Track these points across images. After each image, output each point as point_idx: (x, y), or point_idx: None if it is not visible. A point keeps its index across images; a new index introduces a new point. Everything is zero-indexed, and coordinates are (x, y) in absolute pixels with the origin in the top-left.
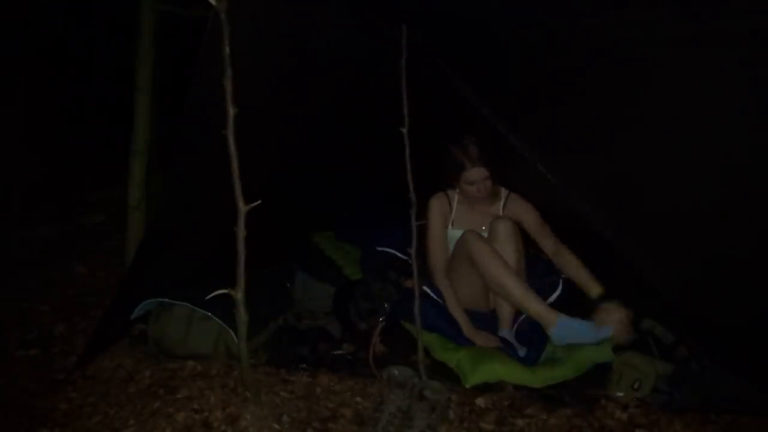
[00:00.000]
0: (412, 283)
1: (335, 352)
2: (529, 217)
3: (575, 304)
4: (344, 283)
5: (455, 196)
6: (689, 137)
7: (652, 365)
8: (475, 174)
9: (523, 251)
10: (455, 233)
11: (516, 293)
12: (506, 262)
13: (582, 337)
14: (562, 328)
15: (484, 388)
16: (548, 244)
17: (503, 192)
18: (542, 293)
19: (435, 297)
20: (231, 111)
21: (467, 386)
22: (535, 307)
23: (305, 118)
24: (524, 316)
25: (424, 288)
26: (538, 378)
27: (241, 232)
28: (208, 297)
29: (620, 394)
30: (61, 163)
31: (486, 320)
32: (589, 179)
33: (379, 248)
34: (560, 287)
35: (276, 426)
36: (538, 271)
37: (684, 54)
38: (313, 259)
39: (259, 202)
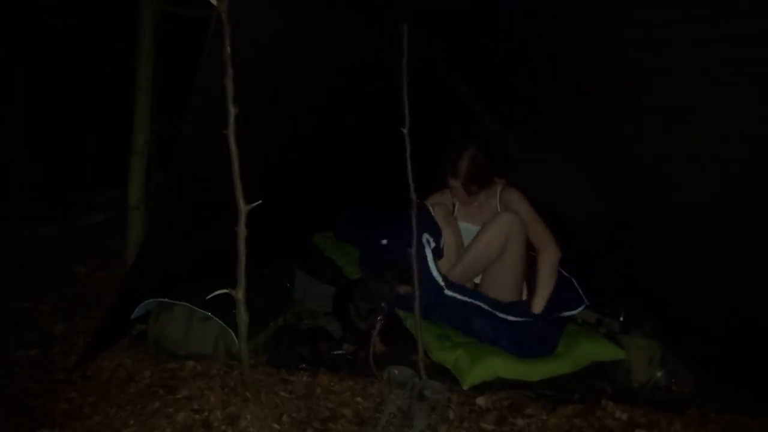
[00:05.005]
0: (404, 289)
1: (335, 352)
2: (521, 206)
3: None
4: (344, 284)
5: None
6: (690, 138)
7: (654, 341)
8: (451, 182)
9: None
10: (461, 225)
11: None
12: None
13: None
14: None
15: (484, 388)
16: (537, 240)
17: (499, 185)
18: (566, 306)
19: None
20: (232, 111)
21: (465, 388)
22: None
23: (306, 118)
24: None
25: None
26: (534, 372)
27: (242, 232)
28: (208, 297)
29: (637, 384)
30: (61, 163)
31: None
32: (590, 178)
33: (382, 241)
34: (580, 308)
35: (276, 426)
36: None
37: (689, 56)
38: (313, 259)
39: (260, 201)
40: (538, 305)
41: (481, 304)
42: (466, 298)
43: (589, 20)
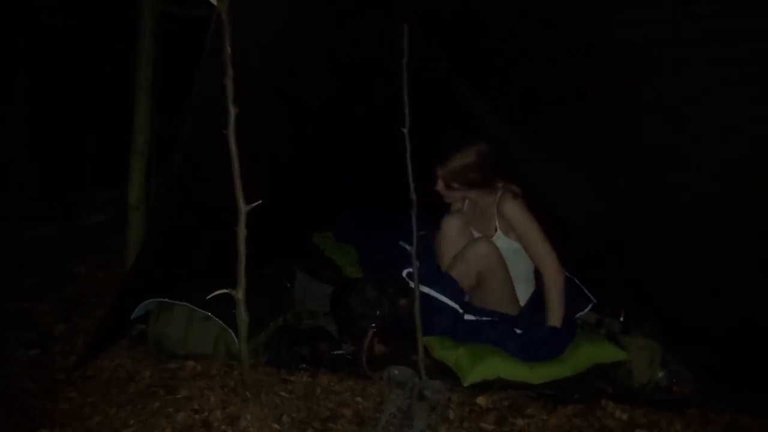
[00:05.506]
0: (403, 302)
1: (335, 352)
2: (515, 220)
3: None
4: (343, 280)
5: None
6: (691, 138)
7: (655, 341)
8: (437, 171)
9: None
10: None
11: None
12: None
13: None
14: None
15: (484, 388)
16: (536, 262)
17: (499, 192)
18: (575, 308)
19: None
20: (232, 111)
21: (465, 385)
22: None
23: (306, 118)
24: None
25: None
26: (536, 375)
27: (242, 232)
28: (208, 297)
29: (637, 384)
30: (62, 163)
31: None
32: (590, 178)
33: (401, 243)
34: (589, 307)
35: (276, 426)
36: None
37: (689, 55)
38: (313, 259)
39: (260, 201)
40: (555, 323)
41: (499, 321)
42: (484, 318)
43: (589, 20)
